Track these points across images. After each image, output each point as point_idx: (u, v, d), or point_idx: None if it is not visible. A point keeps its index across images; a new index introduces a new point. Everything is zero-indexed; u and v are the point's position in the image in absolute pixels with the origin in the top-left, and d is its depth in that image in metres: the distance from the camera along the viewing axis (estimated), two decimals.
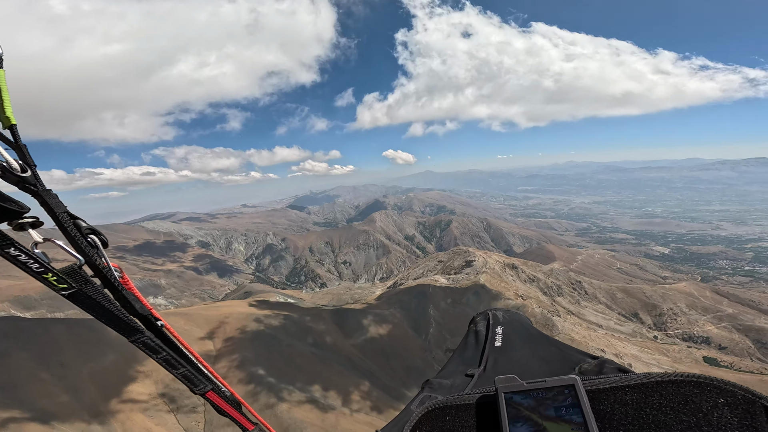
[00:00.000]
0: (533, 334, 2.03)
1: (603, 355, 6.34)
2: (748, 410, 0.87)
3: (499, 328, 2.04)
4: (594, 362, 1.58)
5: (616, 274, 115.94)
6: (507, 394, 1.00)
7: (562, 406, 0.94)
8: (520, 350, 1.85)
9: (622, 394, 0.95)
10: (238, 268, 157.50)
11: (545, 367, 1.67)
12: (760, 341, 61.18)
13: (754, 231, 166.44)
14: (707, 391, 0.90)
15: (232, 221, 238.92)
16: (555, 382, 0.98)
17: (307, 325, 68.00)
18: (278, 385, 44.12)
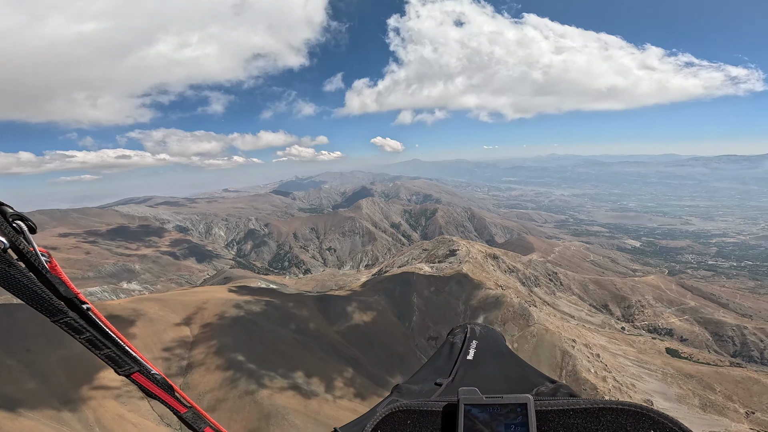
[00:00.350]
0: (503, 352, 2.09)
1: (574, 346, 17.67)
2: None
3: (474, 342, 2.08)
4: (551, 386, 1.63)
5: (589, 266, 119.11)
6: (467, 406, 1.04)
7: (513, 424, 0.98)
8: (489, 366, 1.91)
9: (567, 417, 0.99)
10: (218, 254, 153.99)
11: (507, 385, 1.74)
12: (718, 334, 64.18)
13: (720, 227, 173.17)
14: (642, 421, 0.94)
15: (213, 206, 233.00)
16: (510, 399, 1.02)
17: (290, 311, 67.11)
18: (259, 371, 43.54)
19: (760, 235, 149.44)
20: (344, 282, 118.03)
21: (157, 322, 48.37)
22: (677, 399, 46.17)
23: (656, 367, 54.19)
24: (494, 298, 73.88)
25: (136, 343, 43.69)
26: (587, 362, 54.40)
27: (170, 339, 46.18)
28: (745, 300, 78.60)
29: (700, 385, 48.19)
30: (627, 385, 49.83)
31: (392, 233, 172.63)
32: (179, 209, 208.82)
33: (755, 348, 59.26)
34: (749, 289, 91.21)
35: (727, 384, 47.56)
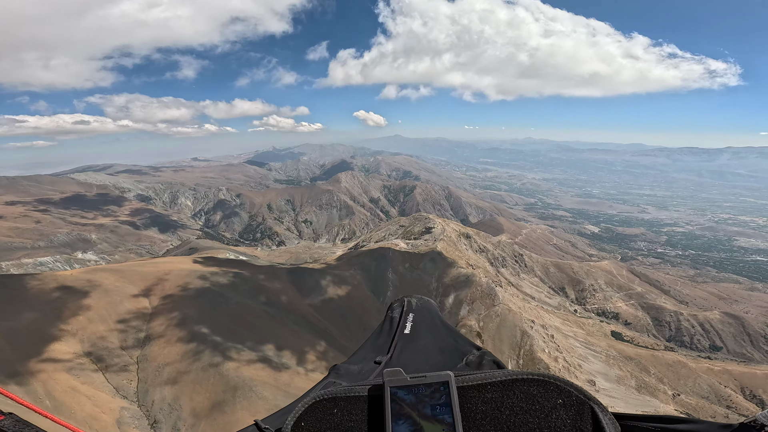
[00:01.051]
0: (437, 324, 2.05)
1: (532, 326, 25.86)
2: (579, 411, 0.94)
3: (411, 316, 2.04)
4: (477, 353, 1.64)
5: (552, 250, 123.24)
6: (393, 389, 1.01)
7: (437, 405, 0.97)
8: (424, 339, 1.87)
9: (485, 391, 1.00)
10: (184, 224, 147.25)
11: (441, 357, 1.71)
12: (657, 319, 68.61)
13: (672, 216, 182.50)
14: (550, 390, 0.97)
15: (180, 175, 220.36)
16: (433, 378, 1.00)
17: (260, 284, 65.22)
18: (225, 343, 42.03)
19: (705, 225, 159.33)
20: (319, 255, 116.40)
21: (113, 294, 45.40)
22: (617, 380, 49.27)
23: (601, 349, 57.36)
24: (465, 277, 74.98)
25: (90, 315, 40.65)
26: (542, 342, 56.78)
27: (126, 311, 43.39)
28: (685, 288, 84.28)
29: (638, 368, 51.63)
30: (575, 366, 52.45)
31: (371, 208, 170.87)
32: (142, 178, 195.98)
33: (687, 333, 64.10)
34: (689, 277, 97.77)
35: (660, 367, 51.25)
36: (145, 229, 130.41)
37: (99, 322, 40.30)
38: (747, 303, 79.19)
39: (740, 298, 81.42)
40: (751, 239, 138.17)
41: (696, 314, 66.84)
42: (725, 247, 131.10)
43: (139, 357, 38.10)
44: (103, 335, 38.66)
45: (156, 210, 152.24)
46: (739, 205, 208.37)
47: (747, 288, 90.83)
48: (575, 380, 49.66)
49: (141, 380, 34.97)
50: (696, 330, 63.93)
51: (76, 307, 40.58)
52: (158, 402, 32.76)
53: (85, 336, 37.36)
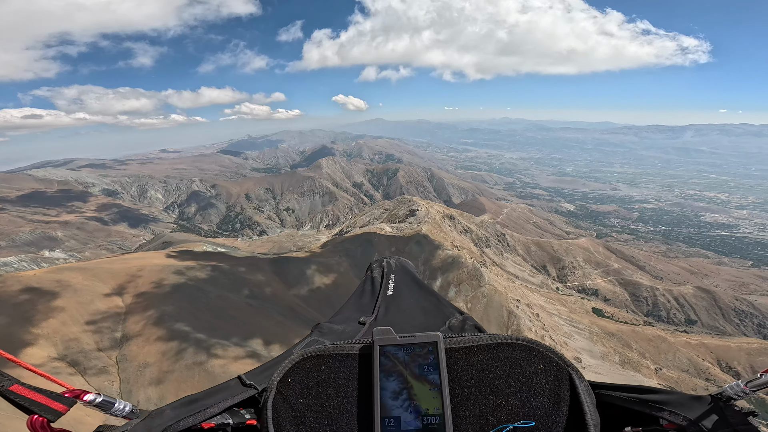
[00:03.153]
0: (417, 284, 2.05)
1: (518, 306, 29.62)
2: (558, 377, 0.95)
3: (392, 277, 2.03)
4: (460, 317, 1.64)
5: (532, 228, 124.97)
6: (383, 347, 1.01)
7: (425, 365, 0.97)
8: (406, 299, 1.87)
9: (472, 354, 1.00)
10: (156, 217, 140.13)
11: (424, 318, 1.71)
12: (635, 294, 70.82)
13: (642, 193, 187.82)
14: (533, 355, 0.98)
15: (148, 167, 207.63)
16: (422, 339, 1.00)
17: (241, 276, 62.40)
18: (209, 340, 39.70)
19: (673, 202, 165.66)
20: (303, 243, 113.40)
21: (84, 293, 42.28)
22: (601, 356, 50.40)
23: (584, 326, 58.52)
24: (451, 259, 74.46)
25: (61, 316, 37.56)
26: (529, 322, 57.27)
27: (99, 311, 40.54)
28: (658, 263, 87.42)
29: (620, 343, 53.02)
30: (560, 344, 53.15)
31: (354, 193, 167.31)
32: (107, 172, 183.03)
33: (663, 308, 66.61)
34: (662, 252, 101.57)
35: (641, 342, 52.87)
36: (115, 225, 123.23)
37: (72, 324, 37.51)
38: (716, 277, 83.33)
39: (710, 273, 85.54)
40: (715, 215, 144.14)
41: (671, 289, 69.46)
42: (693, 223, 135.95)
43: (118, 357, 35.90)
44: (77, 337, 36.15)
45: (124, 204, 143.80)
46: (704, 181, 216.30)
47: (715, 262, 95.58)
48: None
49: (123, 381, 33.05)
50: (672, 305, 66.51)
51: (47, 309, 37.59)
52: (144, 402, 30.87)
53: (59, 339, 34.72)
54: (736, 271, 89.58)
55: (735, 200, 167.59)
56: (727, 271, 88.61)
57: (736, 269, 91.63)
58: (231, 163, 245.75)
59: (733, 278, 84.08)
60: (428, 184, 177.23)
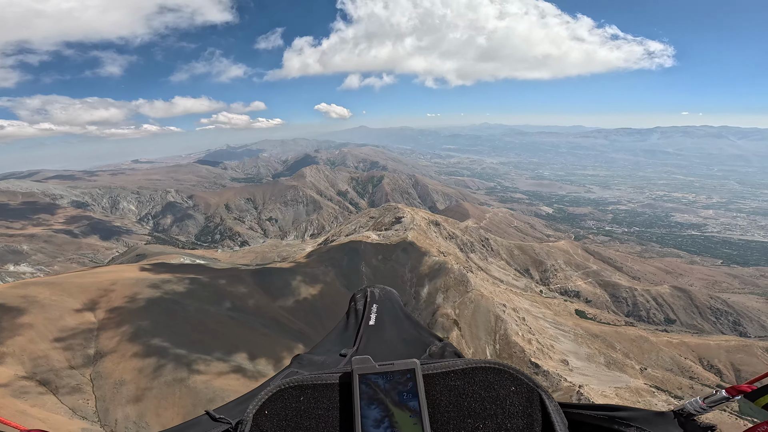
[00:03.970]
0: (399, 315, 2.05)
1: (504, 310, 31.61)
2: (529, 398, 1.00)
3: (375, 307, 2.01)
4: (439, 344, 1.68)
5: (513, 232, 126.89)
6: (363, 375, 1.01)
7: (405, 392, 0.99)
8: (388, 330, 1.86)
9: (449, 379, 1.03)
10: (129, 229, 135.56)
11: (405, 348, 1.72)
12: (615, 295, 72.55)
13: (615, 195, 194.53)
14: (504, 378, 1.02)
15: (119, 178, 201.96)
16: (401, 366, 1.02)
17: (222, 289, 60.35)
18: (189, 355, 37.92)
19: (645, 203, 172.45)
20: (288, 253, 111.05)
21: (52, 309, 40.45)
22: (587, 358, 51.03)
23: (569, 328, 59.30)
24: (438, 266, 74.40)
25: (29, 334, 35.53)
26: (516, 326, 57.51)
27: (69, 327, 38.88)
28: (635, 264, 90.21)
29: (604, 344, 53.92)
30: (547, 347, 53.51)
31: (339, 201, 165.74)
32: (76, 183, 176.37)
33: (643, 308, 68.55)
34: (637, 253, 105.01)
35: (624, 342, 53.96)
36: (85, 237, 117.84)
37: (40, 341, 35.85)
38: (690, 276, 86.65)
39: (684, 272, 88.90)
40: (684, 215, 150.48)
41: (649, 289, 71.60)
42: (664, 223, 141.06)
43: (92, 375, 34.39)
44: (47, 354, 34.32)
45: (95, 216, 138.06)
46: (671, 182, 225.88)
47: (688, 262, 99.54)
48: (549, 361, 50.85)
49: (99, 399, 31.78)
50: (651, 304, 68.49)
51: (12, 327, 35.65)
52: (122, 420, 30.21)
53: (26, 357, 33.08)
54: (708, 270, 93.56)
55: (701, 200, 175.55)
56: (699, 270, 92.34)
57: (708, 268, 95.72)
58: (209, 173, 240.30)
59: (706, 277, 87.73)
60: (413, 191, 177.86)
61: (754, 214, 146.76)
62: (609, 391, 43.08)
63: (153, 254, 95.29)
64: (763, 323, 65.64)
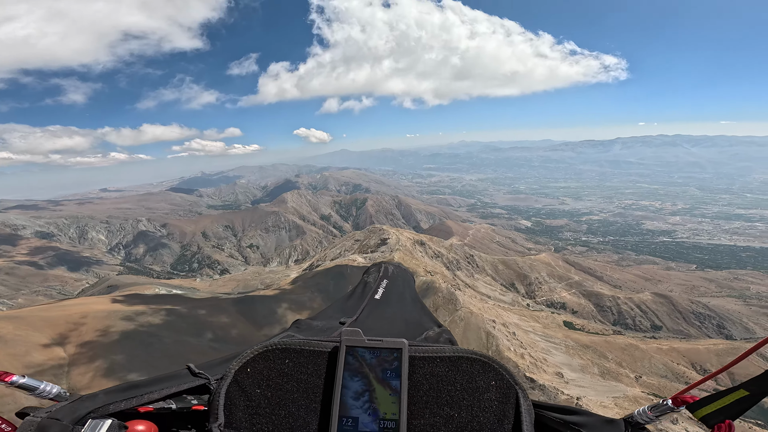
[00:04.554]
0: (407, 295, 2.04)
1: (494, 326, 32.71)
2: (506, 394, 1.01)
3: (384, 282, 2.01)
4: (437, 330, 1.68)
5: (496, 247, 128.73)
6: (350, 347, 1.02)
7: (389, 369, 1.00)
8: (392, 307, 1.86)
9: (434, 364, 1.04)
10: (99, 260, 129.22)
11: (404, 327, 1.72)
12: (599, 305, 73.82)
13: (587, 206, 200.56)
14: (487, 371, 1.03)
15: (87, 207, 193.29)
16: (389, 344, 1.03)
17: (203, 319, 57.35)
18: None
19: (615, 212, 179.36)
20: (272, 280, 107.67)
21: (16, 344, 37.43)
22: (581, 369, 50.89)
23: (559, 340, 59.40)
24: (426, 285, 73.78)
25: None
26: (507, 341, 57.08)
27: (36, 363, 36.06)
28: (614, 272, 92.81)
29: (596, 354, 54.12)
30: (540, 360, 53.15)
31: (323, 225, 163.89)
32: (39, 213, 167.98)
33: (628, 316, 69.94)
34: (614, 261, 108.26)
35: (616, 351, 54.39)
36: (51, 269, 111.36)
37: None
38: (668, 282, 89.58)
39: (662, 278, 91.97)
40: (654, 222, 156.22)
41: (631, 297, 73.35)
42: (636, 231, 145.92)
43: None
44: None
45: (62, 247, 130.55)
46: (638, 190, 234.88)
47: (664, 268, 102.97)
48: (544, 374, 50.34)
49: None
50: (635, 312, 69.94)
51: None
52: None
53: None
54: (684, 275, 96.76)
55: (667, 207, 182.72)
56: (677, 276, 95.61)
57: (684, 273, 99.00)
58: (183, 200, 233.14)
59: (683, 282, 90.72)
60: (397, 212, 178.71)
61: (717, 219, 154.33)
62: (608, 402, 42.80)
63: (125, 285, 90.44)
64: (746, 325, 67.59)
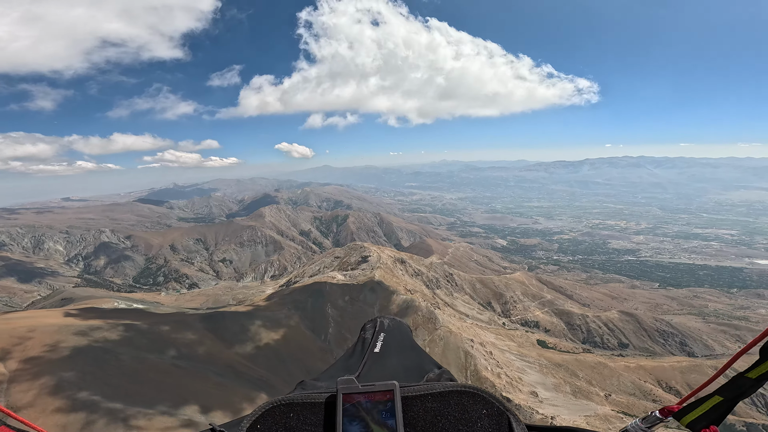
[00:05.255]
0: (406, 344, 2.13)
1: (472, 345, 34.96)
2: (498, 421, 1.08)
3: (382, 335, 2.10)
4: (437, 371, 1.79)
5: (474, 266, 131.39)
6: (346, 395, 1.11)
7: (384, 411, 1.07)
8: (392, 358, 1.94)
9: (426, 401, 1.10)
10: (55, 271, 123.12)
11: (405, 374, 1.79)
12: (570, 323, 76.59)
13: (558, 225, 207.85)
14: (478, 401, 1.10)
15: (46, 217, 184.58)
16: (381, 387, 1.11)
17: (165, 336, 54.01)
18: (127, 409, 32.47)
19: (584, 231, 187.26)
20: (245, 295, 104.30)
21: None
22: (554, 388, 52.33)
23: (533, 359, 60.99)
24: (406, 304, 74.13)
25: None
26: (484, 360, 58.00)
27: None
28: (583, 291, 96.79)
29: (568, 373, 55.86)
30: (516, 380, 54.27)
31: (301, 241, 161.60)
32: None
33: (597, 334, 72.93)
34: (583, 280, 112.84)
35: (586, 370, 56.35)
36: None
37: None
38: (634, 300, 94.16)
39: (627, 296, 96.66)
40: (619, 241, 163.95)
41: (599, 315, 76.56)
42: (603, 250, 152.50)
43: None
44: None
45: (13, 257, 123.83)
46: (604, 210, 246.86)
47: (629, 286, 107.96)
48: (519, 393, 51.38)
49: None
50: (603, 330, 72.98)
51: None
52: None
53: None
54: (648, 293, 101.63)
55: (632, 227, 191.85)
56: (641, 294, 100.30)
57: (648, 291, 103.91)
58: (151, 212, 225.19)
59: (647, 300, 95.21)
60: (378, 229, 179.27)
61: (677, 238, 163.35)
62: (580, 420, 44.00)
63: (82, 298, 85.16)
64: (706, 342, 71.24)
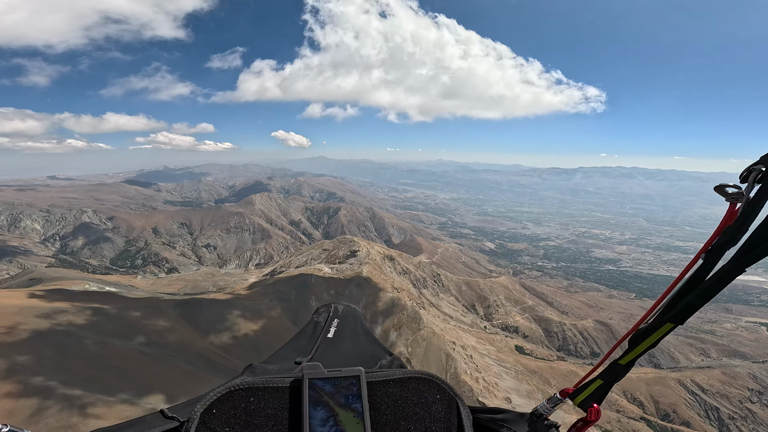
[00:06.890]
0: (359, 331, 2.14)
1: (454, 348, 37.94)
2: (449, 405, 1.19)
3: (336, 321, 2.11)
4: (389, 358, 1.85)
5: (462, 267, 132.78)
6: (312, 380, 1.13)
7: (350, 395, 1.11)
8: (346, 343, 1.97)
9: (387, 387, 1.18)
10: (28, 250, 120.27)
11: (359, 360, 1.83)
12: (547, 330, 78.65)
13: (546, 231, 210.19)
14: (432, 387, 1.19)
15: (27, 194, 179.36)
16: (346, 372, 1.15)
17: (135, 321, 52.05)
18: (85, 396, 31.33)
19: (570, 239, 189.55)
20: (226, 283, 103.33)
21: None
22: (527, 395, 54.00)
23: (510, 365, 62.64)
24: (392, 302, 74.23)
25: None
26: (464, 364, 59.22)
27: None
28: (563, 298, 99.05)
29: (541, 380, 57.67)
30: (492, 385, 55.75)
31: (291, 231, 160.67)
32: None
33: (571, 342, 75.14)
34: (564, 288, 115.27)
35: (558, 378, 58.21)
36: None
37: None
38: (609, 310, 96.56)
39: (604, 306, 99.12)
40: (602, 250, 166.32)
41: (576, 323, 78.68)
42: (586, 258, 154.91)
43: None
44: None
45: None
46: (591, 219, 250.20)
47: (606, 296, 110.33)
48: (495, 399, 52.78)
49: None
50: (578, 338, 75.15)
51: None
52: None
53: None
54: (624, 304, 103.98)
55: (616, 236, 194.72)
56: (617, 304, 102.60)
57: (624, 301, 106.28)
58: (137, 194, 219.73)
59: (623, 310, 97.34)
60: (370, 224, 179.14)
61: (658, 250, 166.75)
62: None
63: (52, 279, 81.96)
64: (672, 354, 73.96)
